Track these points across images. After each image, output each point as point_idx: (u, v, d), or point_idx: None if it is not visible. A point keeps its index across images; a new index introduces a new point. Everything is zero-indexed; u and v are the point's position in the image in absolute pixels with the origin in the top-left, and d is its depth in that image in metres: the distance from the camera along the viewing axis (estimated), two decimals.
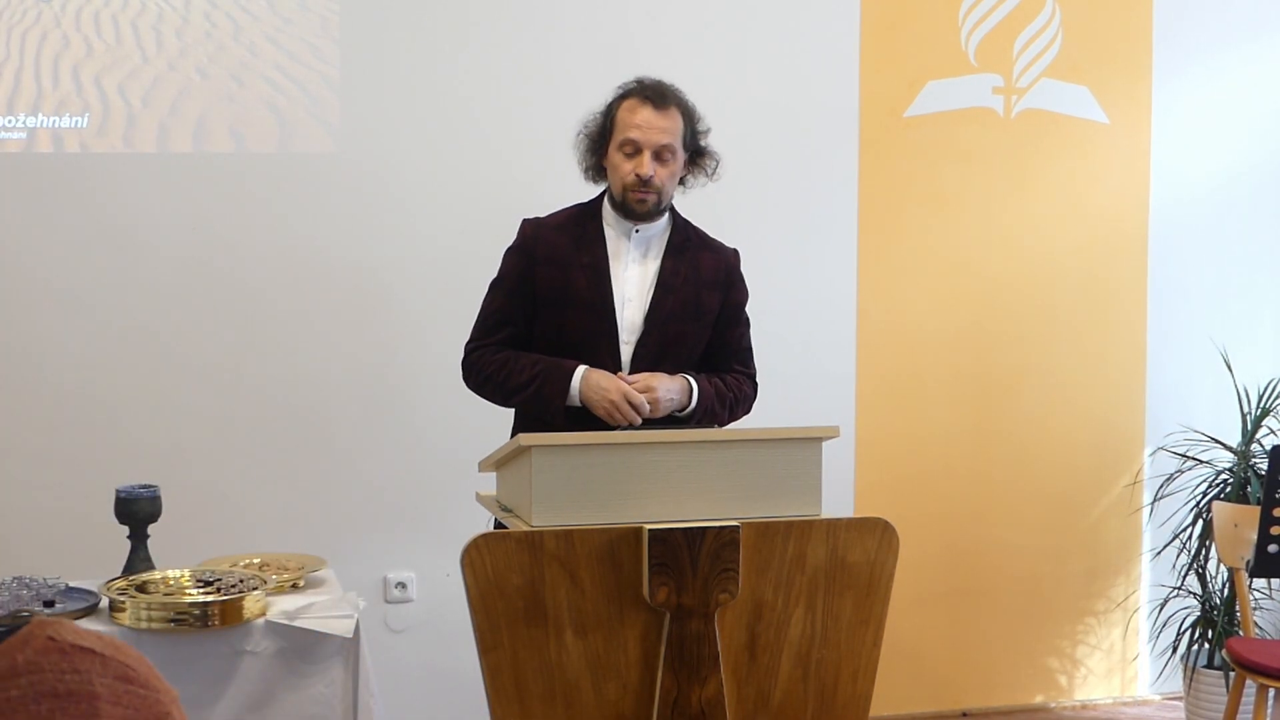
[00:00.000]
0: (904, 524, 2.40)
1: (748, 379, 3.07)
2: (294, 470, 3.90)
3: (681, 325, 2.92)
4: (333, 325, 3.92)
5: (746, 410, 3.05)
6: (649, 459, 2.22)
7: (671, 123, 2.89)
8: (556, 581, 2.14)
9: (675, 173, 2.92)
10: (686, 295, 2.93)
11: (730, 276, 3.03)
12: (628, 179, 2.87)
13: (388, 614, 3.99)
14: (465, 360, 2.98)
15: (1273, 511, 3.37)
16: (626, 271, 2.92)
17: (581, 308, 2.88)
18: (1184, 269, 4.63)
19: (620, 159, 2.88)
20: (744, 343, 3.08)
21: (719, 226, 3.11)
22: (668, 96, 2.91)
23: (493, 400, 2.98)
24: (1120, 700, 4.62)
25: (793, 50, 4.26)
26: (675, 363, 2.91)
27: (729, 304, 3.02)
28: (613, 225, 2.95)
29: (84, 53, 3.71)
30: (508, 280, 2.96)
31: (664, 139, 2.87)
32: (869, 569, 2.26)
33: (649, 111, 2.87)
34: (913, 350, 4.41)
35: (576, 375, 2.80)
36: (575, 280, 2.89)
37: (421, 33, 3.96)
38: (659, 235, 2.96)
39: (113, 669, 0.79)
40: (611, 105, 2.94)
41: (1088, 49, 4.50)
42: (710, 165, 3.01)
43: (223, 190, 3.84)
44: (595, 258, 2.91)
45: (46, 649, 0.78)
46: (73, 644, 0.79)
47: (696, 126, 2.97)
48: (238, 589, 2.62)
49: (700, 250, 2.99)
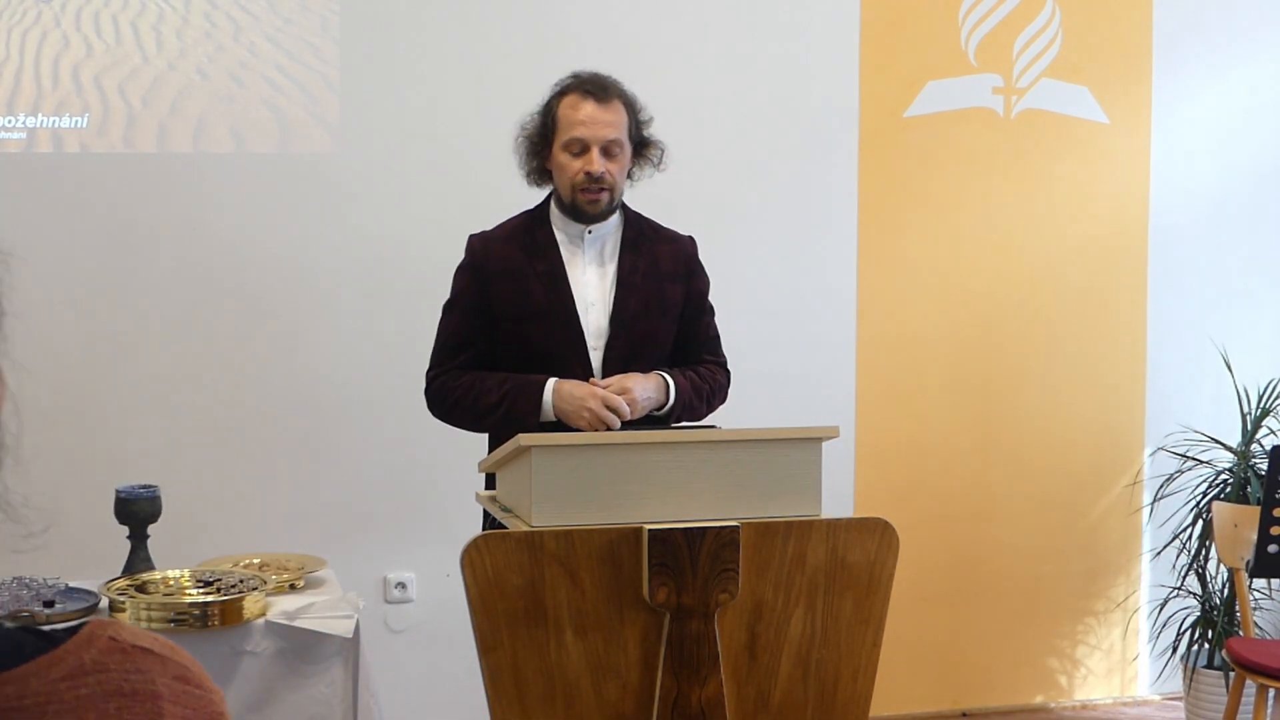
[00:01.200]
0: (904, 524, 2.40)
1: (720, 368, 2.99)
2: (294, 470, 3.90)
3: (648, 323, 2.84)
4: (333, 325, 3.92)
5: (723, 400, 2.97)
6: (649, 459, 2.22)
7: (616, 116, 2.79)
8: (556, 582, 2.14)
9: (625, 167, 2.83)
10: (649, 291, 2.85)
11: (690, 265, 2.94)
12: (577, 178, 2.77)
13: (388, 614, 3.99)
14: (428, 389, 2.88)
15: (1273, 511, 3.37)
16: (584, 275, 2.83)
17: (543, 319, 2.79)
18: (1184, 269, 4.63)
19: (567, 159, 2.78)
20: (711, 331, 3.00)
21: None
22: (609, 89, 2.81)
23: (462, 426, 2.89)
24: (1120, 700, 4.62)
25: (793, 50, 4.26)
26: (647, 361, 2.83)
27: (692, 294, 2.93)
28: (563, 229, 2.85)
29: (84, 53, 3.71)
30: (462, 300, 2.86)
31: (611, 133, 2.77)
32: (869, 569, 2.26)
33: (592, 106, 2.77)
34: (913, 350, 4.41)
35: (547, 389, 2.71)
36: (533, 291, 2.79)
37: (421, 33, 3.96)
38: (612, 234, 2.87)
39: (171, 669, 0.80)
40: (550, 103, 2.84)
41: (1088, 49, 4.50)
42: (656, 155, 2.90)
43: (223, 190, 3.84)
44: (551, 265, 2.81)
45: (110, 649, 0.78)
46: (133, 644, 0.80)
47: (639, 117, 2.87)
48: (238, 589, 2.62)
49: (656, 243, 2.90)
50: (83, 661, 0.77)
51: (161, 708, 0.78)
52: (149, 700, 0.77)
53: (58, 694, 0.75)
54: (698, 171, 4.15)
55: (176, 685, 0.79)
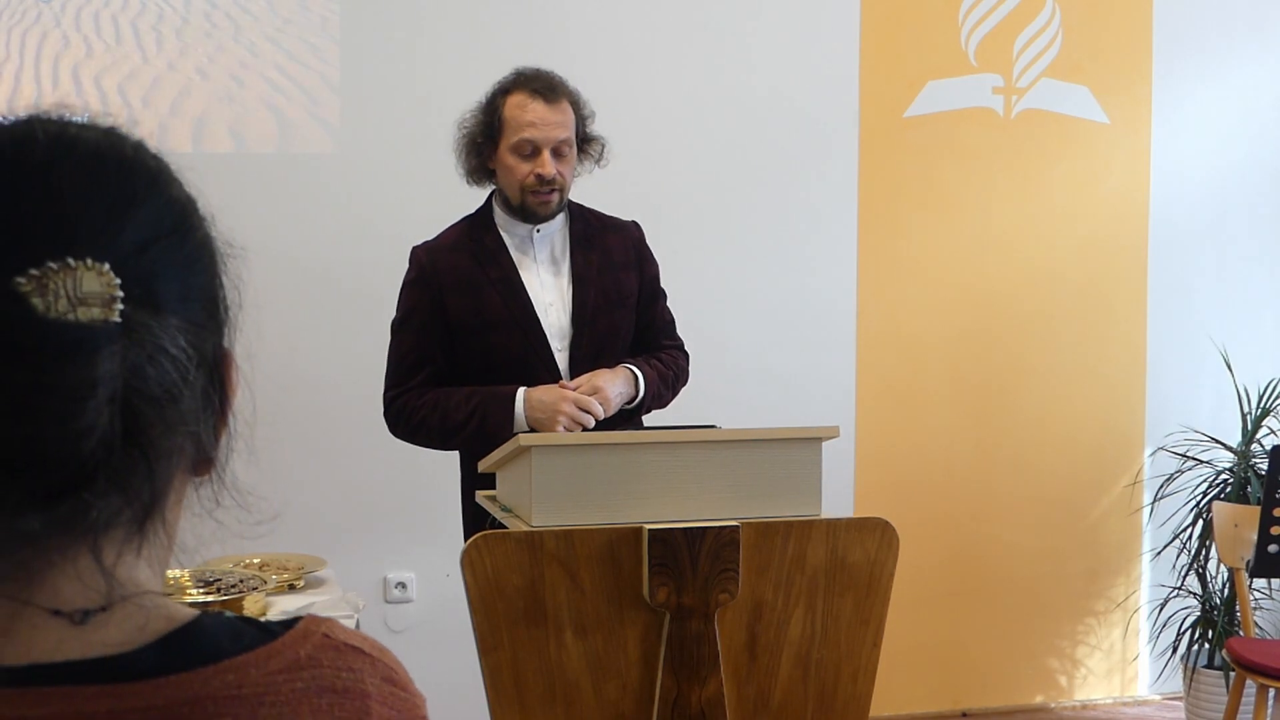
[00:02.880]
0: (904, 524, 2.40)
1: (679, 351, 2.95)
2: (294, 470, 3.90)
3: (609, 317, 2.79)
4: (333, 325, 3.92)
5: (685, 381, 2.94)
6: (649, 459, 2.21)
7: (565, 116, 2.72)
8: (556, 582, 2.14)
9: (574, 166, 2.77)
10: (605, 284, 2.79)
11: (640, 252, 2.89)
12: (527, 181, 2.70)
13: (388, 614, 3.99)
14: (387, 411, 2.79)
15: (1273, 511, 3.37)
16: (538, 277, 2.78)
17: (503, 327, 2.72)
18: (1184, 269, 4.63)
19: (515, 160, 2.71)
20: (667, 315, 2.96)
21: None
22: (557, 89, 2.73)
23: (429, 445, 2.82)
24: (1120, 700, 4.62)
25: (793, 50, 4.26)
26: (613, 355, 2.78)
27: (645, 280, 2.89)
28: (509, 231, 2.80)
29: (84, 53, 3.71)
30: (415, 316, 2.77)
31: (561, 134, 2.71)
32: (869, 569, 2.26)
33: (541, 107, 2.69)
34: (913, 350, 4.41)
35: (518, 399, 2.65)
36: (489, 299, 2.72)
37: (421, 33, 3.96)
38: (560, 230, 2.82)
39: (380, 670, 0.82)
40: (494, 102, 2.75)
41: (1088, 49, 4.50)
42: (597, 151, 2.83)
43: (223, 190, 3.82)
44: (504, 270, 2.75)
45: (324, 645, 0.80)
46: (345, 643, 0.82)
47: (583, 113, 2.80)
48: (238, 589, 2.62)
49: (604, 233, 2.85)
50: (298, 656, 0.79)
51: (369, 707, 0.80)
52: (359, 699, 0.79)
53: (275, 685, 0.77)
54: (698, 171, 4.15)
55: (384, 686, 0.82)
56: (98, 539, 0.74)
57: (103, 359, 0.70)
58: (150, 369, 0.72)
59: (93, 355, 0.70)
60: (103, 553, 0.75)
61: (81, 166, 0.76)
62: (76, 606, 0.75)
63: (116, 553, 0.76)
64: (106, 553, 0.75)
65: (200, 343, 0.77)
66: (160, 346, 0.73)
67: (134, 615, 0.76)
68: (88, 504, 0.71)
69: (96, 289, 0.71)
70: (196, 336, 0.77)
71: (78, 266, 0.71)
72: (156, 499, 0.76)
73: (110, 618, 0.76)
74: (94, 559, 0.74)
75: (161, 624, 0.77)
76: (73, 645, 0.74)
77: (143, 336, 0.72)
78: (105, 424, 0.70)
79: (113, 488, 0.72)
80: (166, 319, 0.74)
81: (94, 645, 0.75)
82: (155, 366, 0.73)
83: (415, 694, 0.84)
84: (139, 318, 0.73)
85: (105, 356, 0.70)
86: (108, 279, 0.72)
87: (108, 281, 0.72)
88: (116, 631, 0.76)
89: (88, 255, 0.71)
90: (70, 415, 0.69)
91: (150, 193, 0.79)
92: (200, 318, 0.79)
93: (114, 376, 0.70)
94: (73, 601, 0.75)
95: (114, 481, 0.72)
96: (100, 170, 0.76)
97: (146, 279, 0.74)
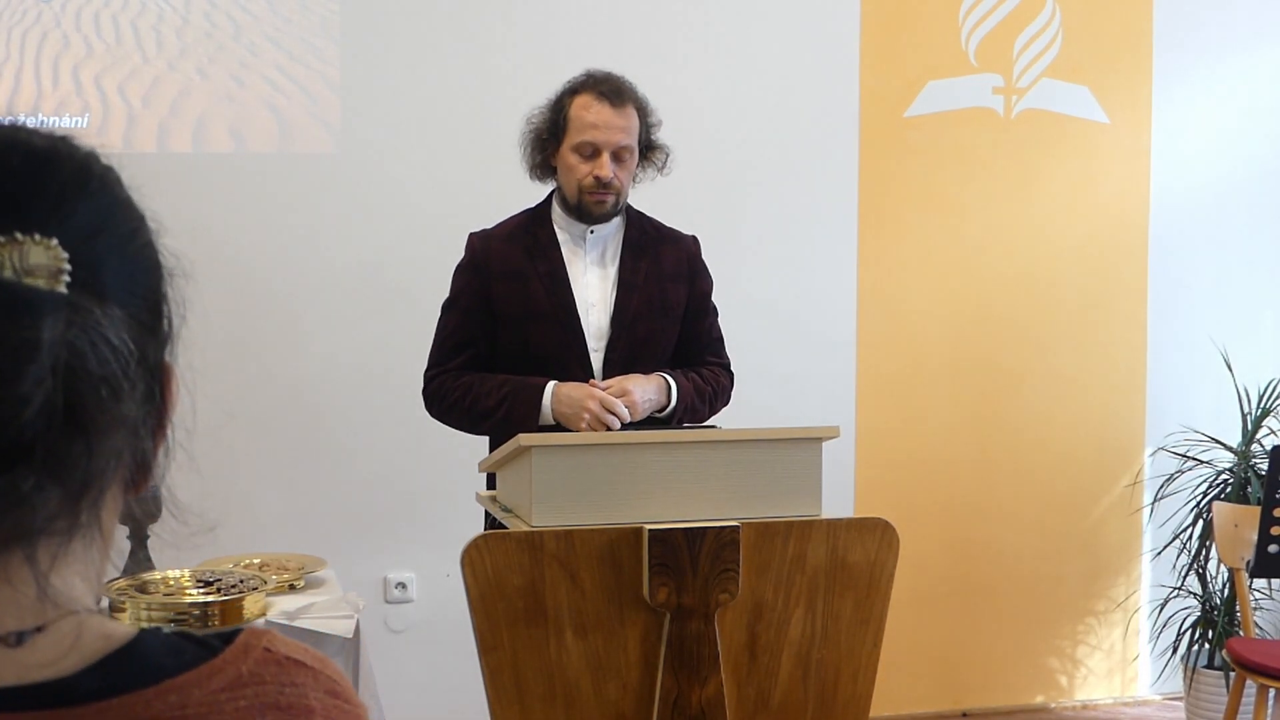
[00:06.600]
0: (904, 524, 2.40)
1: (723, 370, 2.95)
2: (294, 470, 3.90)
3: (649, 324, 2.81)
4: (333, 325, 3.92)
5: (725, 402, 2.94)
6: (649, 459, 2.21)
7: (629, 121, 2.75)
8: (556, 582, 2.14)
9: (632, 171, 2.79)
10: (650, 292, 2.81)
11: (693, 266, 2.90)
12: (585, 181, 2.73)
13: (388, 614, 3.99)
14: (426, 389, 2.84)
15: (1273, 511, 3.37)
16: (586, 276, 2.80)
17: (544, 319, 2.75)
18: (1184, 269, 4.63)
19: (576, 160, 2.74)
20: (715, 333, 2.97)
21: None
22: (624, 94, 2.76)
23: (460, 428, 2.86)
24: (1120, 700, 4.62)
25: (793, 50, 4.26)
26: (648, 363, 2.80)
27: (695, 295, 2.90)
28: (565, 228, 2.82)
29: (84, 53, 3.71)
30: (462, 299, 2.83)
31: (623, 139, 2.73)
32: (869, 569, 2.26)
33: (606, 110, 2.72)
34: (913, 350, 4.41)
35: (546, 392, 2.68)
36: (534, 291, 2.76)
37: (421, 33, 3.96)
38: (614, 234, 2.84)
39: (323, 683, 0.81)
40: (562, 100, 2.78)
41: (1088, 49, 4.50)
42: (660, 159, 2.86)
43: (223, 190, 3.84)
44: (552, 265, 2.78)
45: (266, 660, 0.79)
46: (287, 656, 0.80)
47: (649, 121, 2.83)
48: (238, 589, 2.62)
49: (659, 243, 2.87)
50: (240, 672, 0.77)
51: None
52: (303, 714, 0.78)
53: (218, 705, 0.75)
54: (698, 171, 4.15)
55: (328, 699, 0.80)
56: (33, 540, 0.70)
57: (46, 325, 0.68)
58: (92, 354, 0.70)
59: (38, 319, 0.68)
60: (37, 558, 0.71)
61: (34, 157, 0.75)
62: (9, 628, 0.72)
63: (51, 559, 0.72)
64: (41, 558, 0.71)
65: (143, 343, 0.75)
66: (103, 335, 0.71)
67: (70, 635, 0.74)
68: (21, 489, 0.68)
69: (44, 261, 0.70)
70: (139, 335, 0.74)
71: (25, 241, 0.70)
72: (95, 497, 0.73)
73: (45, 638, 0.73)
74: (28, 564, 0.71)
75: (100, 644, 0.75)
76: (8, 669, 0.72)
77: (85, 320, 0.70)
78: (46, 393, 0.67)
79: (49, 475, 0.69)
80: (110, 308, 0.72)
81: (30, 669, 0.72)
82: (97, 353, 0.70)
83: (358, 705, 0.83)
84: (83, 301, 0.71)
85: (49, 324, 0.68)
86: (55, 253, 0.71)
87: (55, 255, 0.71)
88: (53, 653, 0.73)
89: (36, 231, 0.71)
90: (11, 377, 0.67)
91: (101, 190, 0.78)
92: (144, 317, 0.77)
93: (57, 344, 0.68)
94: (4, 623, 0.72)
95: (51, 465, 0.69)
96: (53, 163, 0.76)
97: (93, 264, 0.73)
